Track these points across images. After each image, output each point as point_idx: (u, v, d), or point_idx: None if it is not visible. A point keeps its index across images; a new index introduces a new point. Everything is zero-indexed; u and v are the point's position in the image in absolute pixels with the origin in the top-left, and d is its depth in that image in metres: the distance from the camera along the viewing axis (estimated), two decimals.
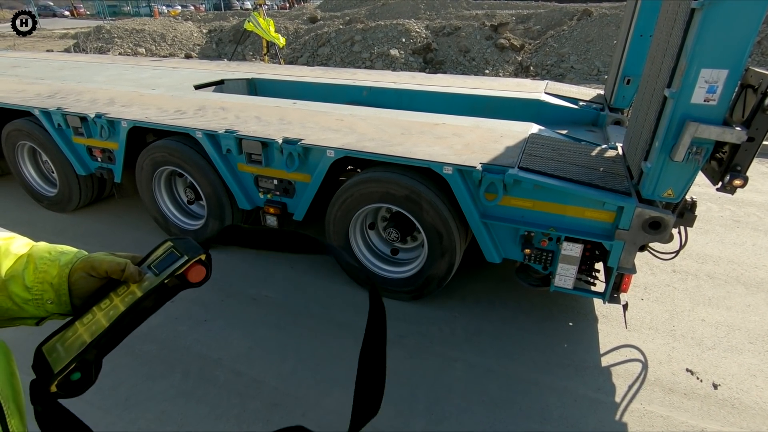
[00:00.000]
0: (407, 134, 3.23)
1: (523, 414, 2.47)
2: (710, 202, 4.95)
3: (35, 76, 5.53)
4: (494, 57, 11.92)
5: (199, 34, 16.84)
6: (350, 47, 12.75)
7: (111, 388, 2.62)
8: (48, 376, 0.68)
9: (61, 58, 7.29)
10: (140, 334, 3.25)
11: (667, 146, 2.18)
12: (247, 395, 2.58)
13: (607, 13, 12.22)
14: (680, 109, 2.09)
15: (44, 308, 0.78)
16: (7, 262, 0.78)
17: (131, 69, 5.99)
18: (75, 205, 4.66)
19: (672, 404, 2.52)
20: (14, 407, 0.68)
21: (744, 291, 3.49)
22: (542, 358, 2.84)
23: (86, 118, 3.85)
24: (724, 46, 1.92)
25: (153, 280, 0.78)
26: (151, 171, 3.90)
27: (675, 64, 2.11)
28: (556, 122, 3.95)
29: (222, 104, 4.07)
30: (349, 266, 0.78)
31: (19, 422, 0.67)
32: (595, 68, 10.97)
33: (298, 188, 3.36)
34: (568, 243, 2.67)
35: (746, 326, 3.11)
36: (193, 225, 4.03)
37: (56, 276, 0.78)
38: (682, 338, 3.00)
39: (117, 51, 14.89)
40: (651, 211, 2.39)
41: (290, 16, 19.14)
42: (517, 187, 2.67)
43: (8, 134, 4.55)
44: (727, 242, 4.17)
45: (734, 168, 2.15)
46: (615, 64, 4.06)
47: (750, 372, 2.74)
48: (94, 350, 0.70)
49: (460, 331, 3.08)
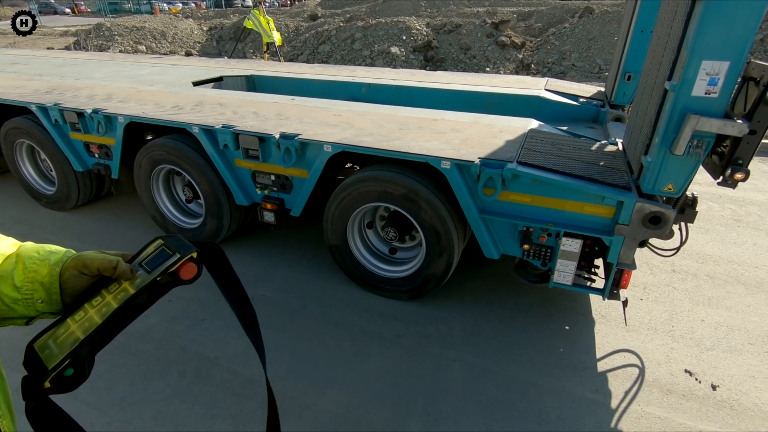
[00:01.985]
0: (405, 129, 3.21)
1: (520, 415, 2.45)
2: (711, 201, 4.92)
3: (34, 72, 5.51)
4: (495, 54, 11.88)
5: (199, 32, 16.81)
6: (351, 45, 12.71)
7: (107, 388, 2.61)
8: (41, 372, 0.69)
9: (60, 56, 7.28)
10: (137, 333, 3.26)
11: (668, 140, 2.15)
12: (243, 395, 2.57)
13: (609, 11, 12.16)
14: (681, 102, 2.06)
15: (34, 307, 0.79)
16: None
17: (130, 66, 5.97)
18: (73, 204, 4.65)
19: (670, 405, 2.50)
20: (5, 408, 0.69)
21: (744, 291, 3.47)
22: (540, 359, 2.82)
23: (83, 113, 3.84)
24: (725, 37, 1.89)
25: (145, 277, 0.79)
26: (150, 169, 3.88)
27: (676, 56, 2.08)
28: (557, 119, 3.92)
29: (220, 100, 4.05)
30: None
31: (10, 423, 0.70)
32: (597, 66, 10.92)
33: (295, 184, 3.35)
34: (567, 238, 2.65)
35: (746, 327, 3.09)
36: (192, 223, 4.02)
37: (47, 275, 0.79)
38: (681, 339, 2.98)
39: (117, 48, 14.87)
40: (651, 206, 2.36)
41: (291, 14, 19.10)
42: (516, 182, 2.64)
43: (7, 132, 4.53)
44: (727, 242, 4.15)
45: (736, 161, 2.12)
46: (615, 61, 4.03)
47: (749, 373, 2.71)
48: (88, 346, 0.72)
49: (457, 331, 3.06)
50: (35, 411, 0.68)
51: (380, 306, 3.30)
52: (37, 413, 0.68)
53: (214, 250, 0.87)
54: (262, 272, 3.68)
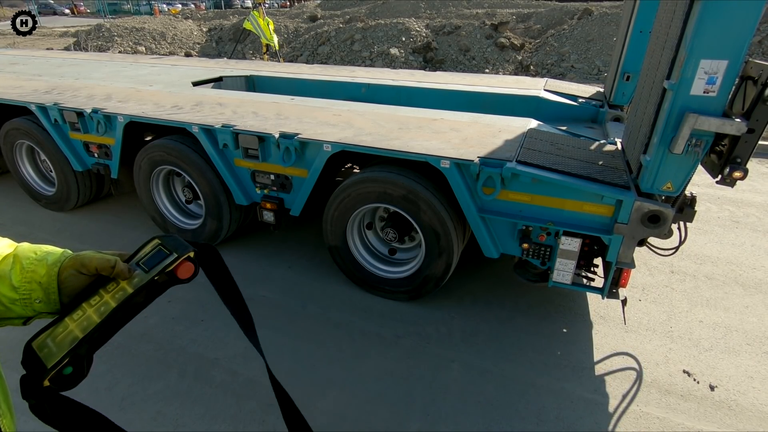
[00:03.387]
0: (405, 129, 3.22)
1: (519, 415, 2.45)
2: (709, 202, 4.93)
3: (33, 73, 5.52)
4: (494, 56, 11.89)
5: (199, 33, 16.81)
6: (350, 46, 12.72)
7: (107, 388, 2.61)
8: (40, 371, 0.70)
9: (59, 56, 7.28)
10: (137, 334, 3.26)
11: (667, 139, 2.15)
12: (242, 395, 2.57)
13: (608, 12, 12.18)
14: (679, 101, 2.06)
15: (32, 307, 0.79)
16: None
17: (130, 66, 5.97)
18: (73, 204, 4.65)
19: (668, 406, 2.51)
20: (6, 407, 0.69)
21: (742, 292, 3.47)
22: (539, 360, 2.82)
23: (83, 113, 3.84)
24: (723, 36, 1.89)
25: (143, 276, 0.80)
26: (149, 170, 3.88)
27: (674, 55, 2.08)
28: (556, 119, 3.93)
29: (219, 100, 4.05)
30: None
31: (10, 421, 0.71)
32: (596, 67, 10.94)
33: (295, 183, 3.35)
34: (566, 237, 2.65)
35: (744, 327, 3.10)
36: (191, 224, 4.01)
37: (45, 275, 0.79)
38: (679, 339, 2.99)
39: (117, 49, 14.86)
40: (650, 205, 2.37)
41: (290, 15, 19.11)
42: (515, 181, 2.65)
43: (6, 133, 4.53)
44: (725, 243, 4.16)
45: (734, 160, 2.12)
46: (614, 61, 4.04)
47: (747, 374, 2.72)
48: (87, 345, 0.72)
49: (457, 331, 3.06)
50: (38, 406, 0.69)
51: (380, 306, 3.31)
52: (42, 407, 0.69)
53: (209, 252, 0.88)
54: (262, 273, 3.68)
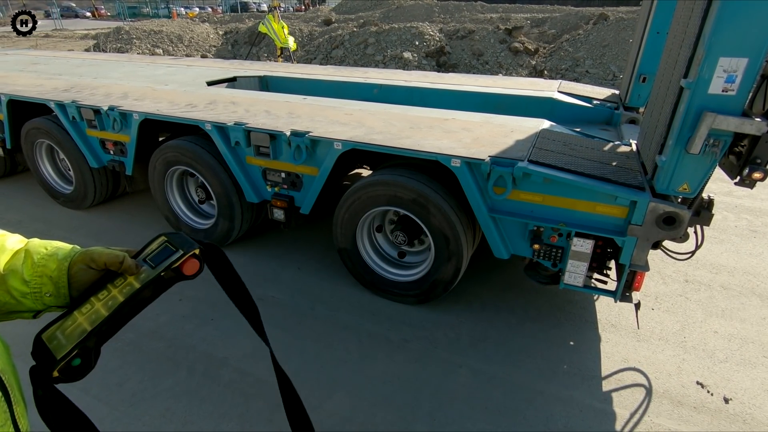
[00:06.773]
0: (416, 128, 3.21)
1: (527, 423, 2.42)
2: (726, 211, 4.83)
3: (53, 72, 5.65)
4: (508, 60, 11.84)
5: (215, 36, 17.05)
6: (364, 50, 12.79)
7: (118, 384, 2.64)
8: (50, 362, 0.72)
9: (79, 56, 7.44)
10: (147, 331, 3.30)
11: (683, 138, 2.09)
12: (250, 395, 2.58)
13: (624, 17, 12.06)
14: (697, 100, 2.00)
15: (42, 301, 0.82)
16: (4, 258, 0.81)
17: (146, 66, 6.08)
18: (90, 203, 4.74)
19: (681, 417, 2.46)
20: (19, 395, 0.72)
21: (759, 303, 3.39)
22: (548, 367, 2.79)
23: (100, 110, 3.92)
24: (743, 33, 1.84)
25: (150, 272, 0.82)
26: (164, 171, 3.94)
27: (692, 53, 2.03)
28: (570, 121, 3.88)
29: (232, 99, 4.10)
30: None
31: (23, 409, 0.73)
32: (611, 72, 10.83)
33: (305, 181, 3.36)
34: (578, 239, 2.60)
35: (760, 339, 3.02)
36: (204, 224, 4.06)
37: (56, 269, 0.82)
38: (693, 350, 2.93)
39: (135, 51, 15.14)
40: (665, 206, 2.31)
41: (305, 18, 19.29)
42: (527, 181, 2.61)
43: (27, 132, 4.64)
44: (742, 252, 4.07)
45: (754, 161, 2.05)
46: (630, 63, 3.99)
47: (763, 387, 2.65)
48: (95, 338, 0.75)
49: (465, 336, 3.04)
50: (45, 401, 0.70)
51: (388, 309, 3.30)
52: (46, 404, 0.70)
53: (214, 252, 0.91)
54: (271, 273, 3.70)
